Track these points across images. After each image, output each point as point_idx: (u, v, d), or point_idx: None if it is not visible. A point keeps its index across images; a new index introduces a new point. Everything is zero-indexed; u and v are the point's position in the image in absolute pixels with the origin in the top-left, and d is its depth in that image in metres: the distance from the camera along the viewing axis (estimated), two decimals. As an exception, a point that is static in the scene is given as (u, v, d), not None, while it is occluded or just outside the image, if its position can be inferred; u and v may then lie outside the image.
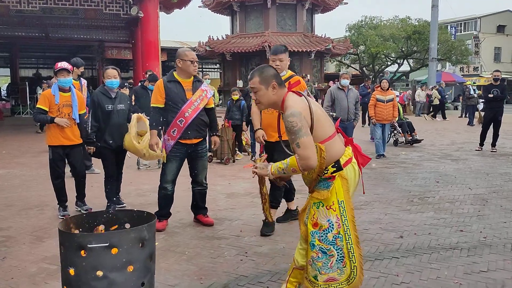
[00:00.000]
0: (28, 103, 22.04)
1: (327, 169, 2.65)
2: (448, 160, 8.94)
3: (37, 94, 18.88)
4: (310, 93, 6.83)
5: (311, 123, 2.60)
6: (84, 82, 6.98)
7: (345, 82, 7.96)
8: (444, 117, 20.32)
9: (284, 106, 2.66)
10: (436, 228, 4.62)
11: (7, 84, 32.19)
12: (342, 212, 2.64)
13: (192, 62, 4.47)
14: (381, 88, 9.45)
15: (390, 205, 5.52)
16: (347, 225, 2.64)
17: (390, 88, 9.59)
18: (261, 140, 4.49)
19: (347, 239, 2.63)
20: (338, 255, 2.62)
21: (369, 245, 4.07)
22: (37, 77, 29.68)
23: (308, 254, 2.70)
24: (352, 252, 2.63)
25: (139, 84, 8.81)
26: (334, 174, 2.65)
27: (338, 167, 2.65)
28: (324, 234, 2.64)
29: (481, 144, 10.21)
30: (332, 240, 2.62)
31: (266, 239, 4.31)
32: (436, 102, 20.49)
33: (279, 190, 4.60)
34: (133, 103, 8.46)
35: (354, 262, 2.63)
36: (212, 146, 4.91)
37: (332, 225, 2.63)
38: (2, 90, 31.22)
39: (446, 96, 19.75)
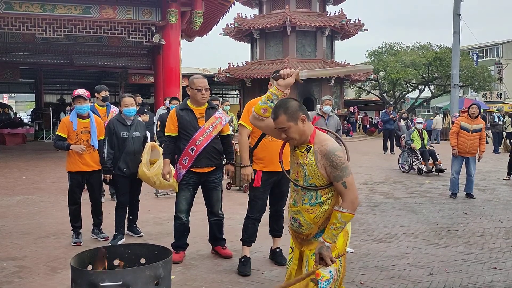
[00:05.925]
0: (52, 128, 22.40)
1: None
2: (475, 190, 8.58)
3: (60, 120, 19.13)
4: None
5: None
6: (114, 109, 6.94)
7: (327, 108, 6.76)
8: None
9: (317, 140, 2.50)
10: (467, 264, 4.36)
11: (31, 110, 32.84)
12: (339, 267, 2.50)
13: (200, 90, 4.32)
14: (468, 114, 7.80)
15: (417, 238, 5.28)
16: (337, 285, 2.50)
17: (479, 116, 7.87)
18: (248, 179, 4.13)
19: None
20: None
21: (396, 283, 3.84)
22: (61, 102, 30.27)
23: None
24: None
25: (166, 110, 8.83)
26: None
27: None
28: (325, 285, 2.45)
29: (509, 173, 9.87)
30: None
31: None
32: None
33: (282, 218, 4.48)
34: (158, 129, 8.48)
35: None
36: (226, 176, 4.77)
37: (331, 277, 2.47)
38: (26, 115, 31.85)
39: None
